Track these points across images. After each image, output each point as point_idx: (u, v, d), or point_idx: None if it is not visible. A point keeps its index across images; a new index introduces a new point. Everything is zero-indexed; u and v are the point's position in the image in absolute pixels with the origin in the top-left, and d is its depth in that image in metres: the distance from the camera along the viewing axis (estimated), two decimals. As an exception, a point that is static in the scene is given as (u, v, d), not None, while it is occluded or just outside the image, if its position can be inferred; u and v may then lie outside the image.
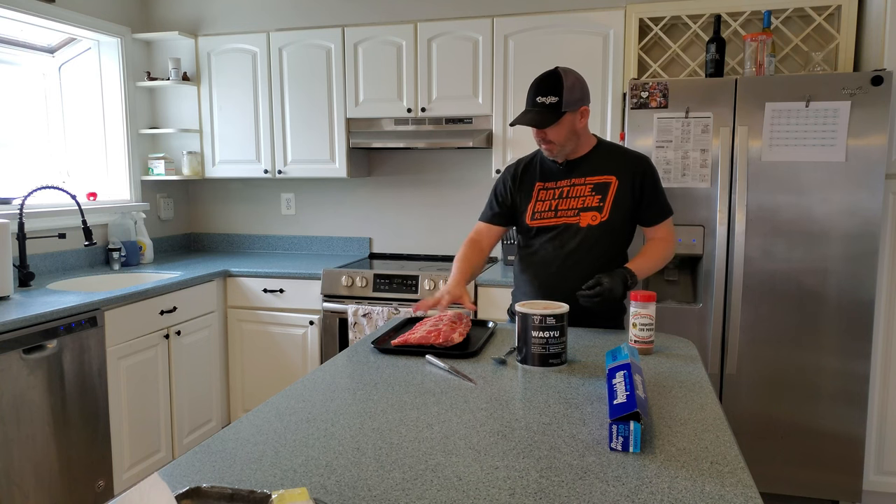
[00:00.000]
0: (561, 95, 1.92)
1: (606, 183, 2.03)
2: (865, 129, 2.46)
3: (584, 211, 2.02)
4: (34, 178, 3.46)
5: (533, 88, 1.96)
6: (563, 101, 1.92)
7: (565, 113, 1.93)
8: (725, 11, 2.92)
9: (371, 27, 3.35)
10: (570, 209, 2.03)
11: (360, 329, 3.11)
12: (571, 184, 2.05)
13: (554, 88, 1.92)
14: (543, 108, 1.93)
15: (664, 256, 2.07)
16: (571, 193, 2.04)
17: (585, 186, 2.03)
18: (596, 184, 2.03)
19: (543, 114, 1.94)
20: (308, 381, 1.51)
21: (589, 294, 1.88)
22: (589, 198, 2.02)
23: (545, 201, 2.07)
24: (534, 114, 1.95)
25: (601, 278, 1.89)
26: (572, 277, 1.98)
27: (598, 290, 1.87)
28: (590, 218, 2.01)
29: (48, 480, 2.34)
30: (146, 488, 0.83)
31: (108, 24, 3.52)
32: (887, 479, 2.69)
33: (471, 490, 1.00)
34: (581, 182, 2.04)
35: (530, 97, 1.97)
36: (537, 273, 2.08)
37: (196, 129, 3.73)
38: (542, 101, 1.93)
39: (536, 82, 1.96)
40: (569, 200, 2.04)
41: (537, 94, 1.95)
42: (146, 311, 2.81)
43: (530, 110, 1.96)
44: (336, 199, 3.87)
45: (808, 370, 2.60)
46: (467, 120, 3.28)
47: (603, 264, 2.00)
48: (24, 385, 2.25)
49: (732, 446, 1.15)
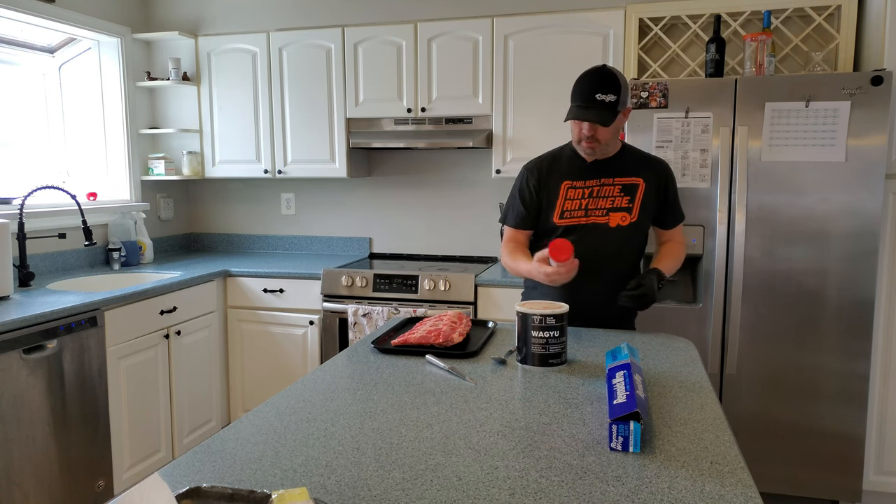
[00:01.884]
0: (619, 94, 1.87)
1: (635, 185, 2.02)
2: (865, 129, 2.46)
3: (614, 211, 2.01)
4: (34, 178, 3.46)
5: (589, 84, 1.88)
6: (620, 100, 1.88)
7: (619, 112, 1.91)
8: (725, 11, 2.92)
9: (371, 27, 3.35)
10: (600, 209, 2.02)
11: (360, 329, 3.11)
12: (601, 184, 2.03)
13: (613, 86, 1.87)
14: (603, 105, 1.87)
15: (681, 258, 2.12)
16: (601, 193, 2.02)
17: (614, 187, 2.02)
18: (625, 185, 2.02)
19: (604, 111, 1.88)
20: (308, 381, 1.51)
21: (634, 294, 1.89)
22: (618, 198, 2.01)
23: (574, 200, 2.04)
24: (595, 111, 1.87)
25: (642, 279, 1.91)
26: (599, 278, 1.99)
27: (641, 290, 1.88)
28: (619, 218, 2.01)
29: (48, 480, 2.34)
30: (146, 488, 0.83)
31: (108, 24, 3.52)
32: (887, 479, 2.69)
33: (471, 490, 1.00)
34: (610, 182, 2.02)
35: (585, 92, 1.88)
36: None
37: (196, 129, 3.73)
38: (602, 99, 1.87)
39: (595, 79, 1.88)
40: (598, 200, 2.02)
41: (596, 91, 1.86)
42: (146, 311, 2.81)
43: (590, 106, 1.88)
44: (336, 199, 3.87)
45: (808, 370, 2.60)
46: (467, 120, 3.28)
47: (627, 265, 2.03)
48: (24, 385, 2.25)
49: (732, 446, 1.15)
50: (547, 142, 3.07)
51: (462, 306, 3.03)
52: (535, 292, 2.15)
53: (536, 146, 3.11)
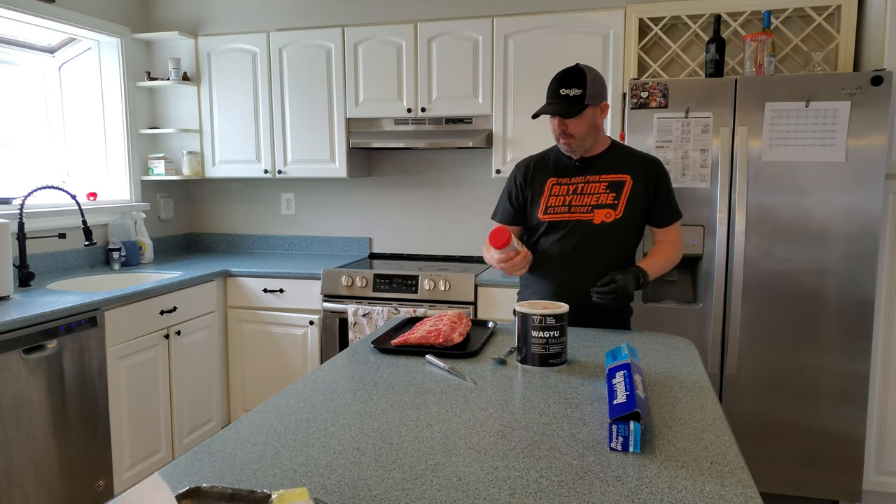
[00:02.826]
0: (584, 88, 1.92)
1: (621, 181, 2.03)
2: (865, 129, 2.46)
3: (598, 208, 2.02)
4: (34, 178, 3.46)
5: (555, 82, 1.96)
6: (587, 94, 1.92)
7: (587, 106, 1.94)
8: (725, 11, 2.92)
9: (371, 27, 3.35)
10: (584, 205, 2.03)
11: (360, 329, 3.11)
12: (586, 181, 2.05)
13: (577, 81, 1.92)
14: (567, 99, 1.93)
15: (673, 258, 2.10)
16: (586, 190, 2.04)
17: (600, 184, 2.03)
18: (611, 182, 2.03)
19: (567, 105, 1.93)
20: (308, 381, 1.51)
21: (604, 291, 1.89)
22: (603, 195, 2.02)
23: (559, 196, 2.06)
24: (557, 105, 1.94)
25: (615, 275, 1.91)
26: (585, 275, 1.99)
27: (612, 286, 1.88)
28: (604, 215, 2.01)
29: (48, 480, 2.34)
30: (146, 488, 0.83)
31: (108, 24, 3.52)
32: (887, 479, 2.69)
33: (471, 490, 1.00)
34: (596, 179, 2.04)
35: (552, 90, 1.96)
36: (549, 270, 2.07)
37: (196, 129, 3.73)
38: (566, 94, 1.93)
39: (559, 76, 1.96)
40: (583, 197, 2.04)
41: (560, 87, 1.94)
42: (146, 311, 2.81)
43: (554, 101, 1.95)
44: (336, 199, 3.87)
45: (808, 370, 2.60)
46: (467, 120, 3.28)
47: (615, 263, 2.02)
48: (24, 385, 2.25)
49: (732, 446, 1.15)
50: (547, 142, 3.07)
51: (462, 306, 3.03)
52: (526, 291, 2.18)
53: (536, 146, 3.10)
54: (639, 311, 2.71)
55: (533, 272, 2.11)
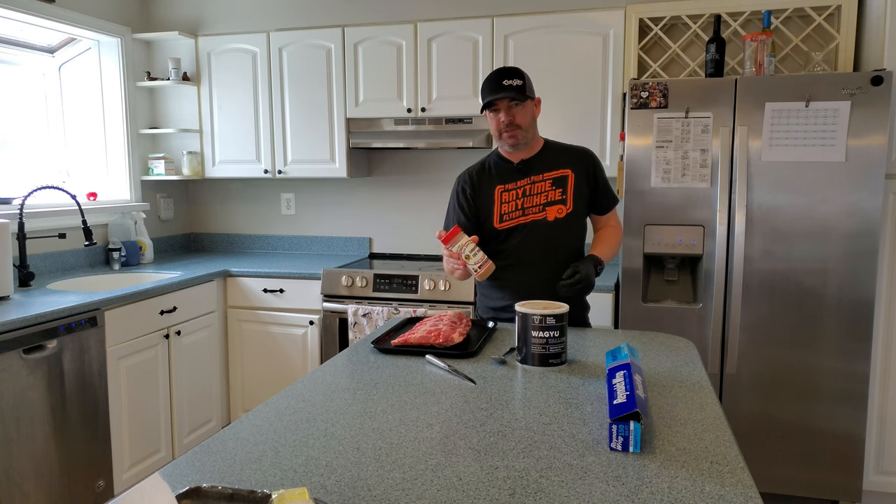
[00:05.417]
0: (524, 80, 1.98)
1: (564, 176, 2.09)
2: (865, 129, 2.46)
3: (550, 205, 2.07)
4: (34, 178, 3.46)
5: (495, 76, 1.99)
6: (526, 85, 1.99)
7: (528, 98, 2.00)
8: (725, 11, 2.92)
9: (371, 27, 3.35)
10: (536, 206, 2.08)
11: (360, 329, 3.11)
12: (531, 181, 2.09)
13: (517, 74, 1.98)
14: (513, 88, 1.96)
15: (619, 241, 2.20)
16: (533, 191, 2.09)
17: (545, 182, 2.09)
18: (554, 178, 2.09)
19: (514, 91, 1.96)
20: (308, 381, 1.51)
21: (570, 283, 1.91)
22: (551, 192, 2.08)
23: (509, 202, 2.10)
24: (507, 91, 1.96)
25: (577, 266, 1.94)
26: (549, 272, 2.02)
27: (577, 277, 1.91)
28: (556, 211, 2.07)
29: (48, 480, 2.34)
30: (147, 488, 0.83)
31: (108, 24, 3.52)
32: (887, 479, 2.69)
33: (471, 490, 1.00)
34: (540, 179, 2.09)
35: (494, 83, 1.97)
36: (514, 273, 2.08)
37: (196, 129, 3.73)
38: (510, 84, 1.96)
39: (497, 71, 2.00)
40: (532, 198, 2.09)
41: (502, 79, 1.97)
42: (146, 311, 2.81)
43: (501, 89, 1.97)
44: (336, 199, 3.87)
45: (808, 370, 2.60)
46: (467, 120, 3.28)
47: (573, 255, 2.08)
48: (24, 385, 2.25)
49: (732, 446, 1.15)
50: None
51: (462, 306, 3.03)
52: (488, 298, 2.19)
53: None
54: (639, 311, 2.71)
55: (497, 278, 2.06)
